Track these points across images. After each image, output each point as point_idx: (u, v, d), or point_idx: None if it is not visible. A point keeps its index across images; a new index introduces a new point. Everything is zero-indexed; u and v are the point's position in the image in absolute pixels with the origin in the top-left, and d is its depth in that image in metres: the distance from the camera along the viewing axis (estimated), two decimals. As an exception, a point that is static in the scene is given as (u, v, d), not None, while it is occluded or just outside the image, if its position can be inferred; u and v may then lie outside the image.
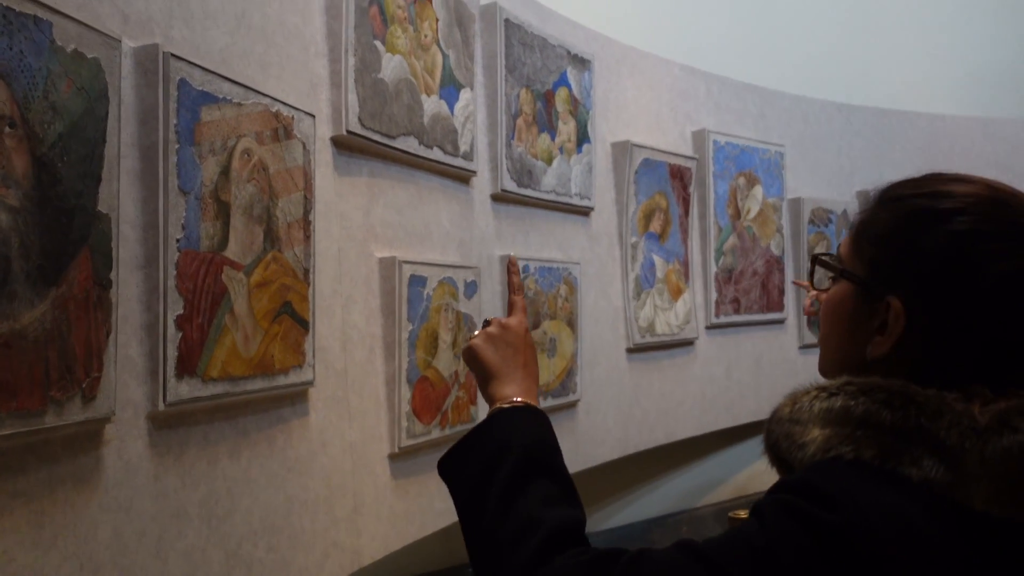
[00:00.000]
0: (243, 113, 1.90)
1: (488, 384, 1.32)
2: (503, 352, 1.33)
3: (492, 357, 1.33)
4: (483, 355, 1.34)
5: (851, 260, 1.17)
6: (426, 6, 2.72)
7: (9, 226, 1.30)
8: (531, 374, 1.35)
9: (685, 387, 4.28)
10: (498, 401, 1.29)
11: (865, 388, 1.06)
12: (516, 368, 1.32)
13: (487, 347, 1.34)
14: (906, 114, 5.60)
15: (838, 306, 1.17)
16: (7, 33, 1.29)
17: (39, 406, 1.37)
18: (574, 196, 3.56)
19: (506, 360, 1.32)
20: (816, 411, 1.06)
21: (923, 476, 0.98)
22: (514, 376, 1.31)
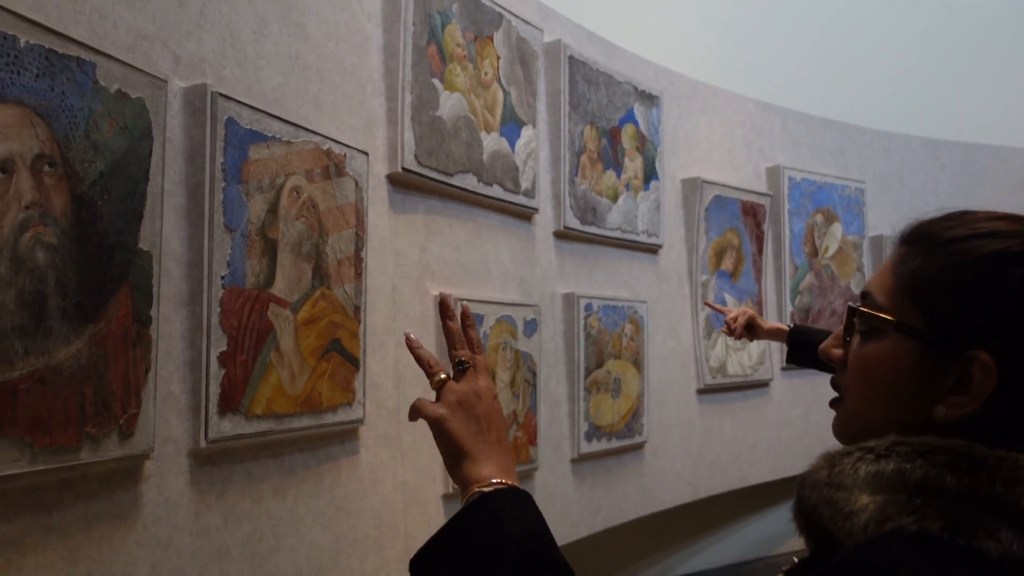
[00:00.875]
0: (292, 151, 1.91)
1: (460, 464, 1.13)
2: (473, 425, 1.14)
3: (462, 432, 1.13)
4: (452, 429, 1.13)
5: (899, 311, 1.03)
6: (487, 44, 2.73)
7: (46, 263, 1.31)
8: (506, 448, 1.17)
9: (759, 430, 4.15)
10: (474, 483, 1.10)
11: (922, 449, 0.93)
12: (490, 444, 1.14)
13: (455, 420, 1.14)
14: (996, 149, 5.39)
15: (889, 363, 1.02)
16: (49, 74, 1.32)
17: (74, 442, 1.38)
18: (641, 233, 3.50)
19: (478, 434, 1.14)
20: (862, 475, 0.94)
21: (1003, 551, 0.85)
22: (488, 452, 1.13)
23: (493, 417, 1.16)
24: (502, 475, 1.09)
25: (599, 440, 3.20)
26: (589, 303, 3.17)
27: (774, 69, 4.83)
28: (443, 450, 1.14)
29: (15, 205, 1.27)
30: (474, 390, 1.15)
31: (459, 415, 1.13)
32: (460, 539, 1.04)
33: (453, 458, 1.13)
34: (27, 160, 1.29)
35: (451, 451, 1.13)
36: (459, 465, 1.11)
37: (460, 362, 1.17)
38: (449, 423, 1.13)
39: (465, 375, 1.16)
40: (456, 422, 1.13)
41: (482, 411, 1.15)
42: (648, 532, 3.75)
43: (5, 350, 1.25)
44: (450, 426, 1.12)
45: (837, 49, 5.24)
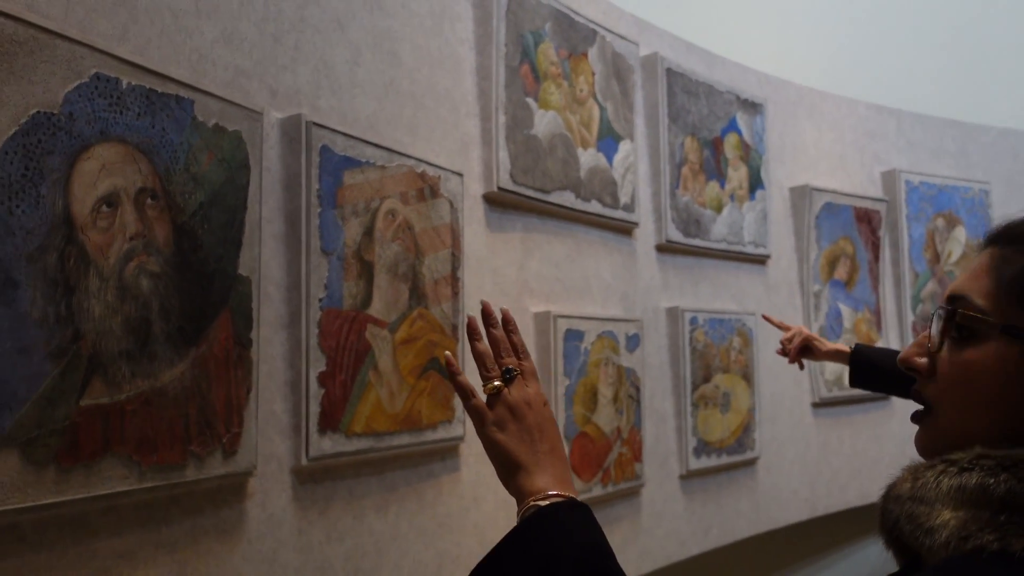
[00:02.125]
0: (387, 175, 1.96)
1: (514, 476, 1.08)
2: (526, 437, 1.10)
3: (515, 444, 1.09)
4: (502, 441, 1.10)
5: (1002, 314, 0.96)
6: (581, 61, 2.74)
7: (150, 290, 1.39)
8: (560, 458, 1.12)
9: (881, 444, 3.99)
10: (530, 496, 1.06)
11: (1006, 463, 0.88)
12: (543, 454, 1.09)
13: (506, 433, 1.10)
14: None
15: (994, 370, 0.95)
16: (149, 112, 1.40)
17: (180, 460, 1.45)
18: (747, 244, 3.43)
19: (532, 446, 1.09)
20: (944, 489, 0.90)
21: None
22: (543, 463, 1.08)
23: (545, 426, 1.12)
24: (558, 487, 1.06)
25: (708, 456, 3.15)
26: (694, 316, 3.13)
27: (886, 70, 4.66)
28: (495, 462, 1.11)
29: (120, 237, 1.35)
30: (524, 399, 1.12)
31: (511, 426, 1.10)
32: (518, 554, 1.01)
33: (506, 470, 1.10)
34: (131, 194, 1.37)
35: (504, 463, 1.10)
36: (513, 477, 1.08)
37: (508, 370, 1.14)
38: (499, 435, 1.10)
39: (514, 383, 1.13)
40: (506, 433, 1.10)
41: (533, 420, 1.11)
42: (763, 551, 3.65)
43: (113, 374, 1.33)
44: (500, 438, 1.10)
45: (953, 45, 5.02)
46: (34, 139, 1.22)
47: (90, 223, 1.30)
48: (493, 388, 1.12)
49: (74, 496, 1.27)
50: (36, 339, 1.21)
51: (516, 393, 1.12)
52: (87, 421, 1.29)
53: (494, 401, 1.12)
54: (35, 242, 1.22)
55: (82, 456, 1.28)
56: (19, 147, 1.21)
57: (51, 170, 1.25)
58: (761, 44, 4.03)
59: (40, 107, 1.24)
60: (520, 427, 1.10)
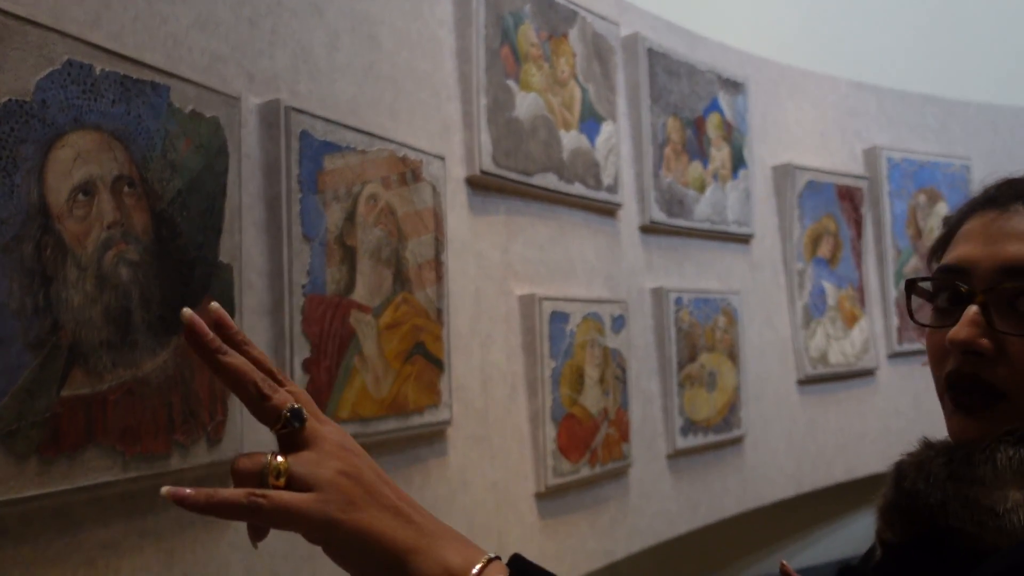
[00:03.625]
0: (368, 160, 1.95)
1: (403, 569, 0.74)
2: (385, 504, 0.76)
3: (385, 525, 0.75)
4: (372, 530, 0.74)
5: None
6: (561, 42, 2.72)
7: (130, 279, 1.38)
8: (423, 510, 0.81)
9: (866, 420, 4.01)
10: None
11: None
12: (416, 516, 0.78)
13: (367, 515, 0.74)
14: (1113, 115, 5.08)
15: None
16: (124, 99, 1.38)
17: (164, 449, 1.44)
18: (731, 224, 3.43)
19: (399, 515, 0.76)
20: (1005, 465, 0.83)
21: None
22: (431, 531, 0.77)
23: (382, 475, 0.79)
24: (471, 551, 0.77)
25: (695, 435, 3.16)
26: (679, 297, 3.13)
27: (866, 47, 4.66)
28: (360, 563, 0.75)
29: (98, 225, 1.33)
30: (342, 444, 0.77)
31: (358, 495, 0.74)
32: None
33: (386, 569, 0.74)
34: (107, 182, 1.35)
35: (380, 559, 0.74)
36: (403, 573, 0.74)
37: (296, 412, 0.76)
38: (355, 518, 0.73)
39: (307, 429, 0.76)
40: (365, 511, 0.74)
41: (373, 474, 0.77)
42: (751, 528, 3.67)
43: (94, 364, 1.31)
44: (362, 522, 0.74)
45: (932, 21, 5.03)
46: (6, 128, 1.21)
47: (66, 212, 1.29)
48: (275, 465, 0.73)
49: (57, 488, 1.26)
50: (14, 330, 1.20)
51: (328, 438, 0.76)
52: (69, 412, 1.28)
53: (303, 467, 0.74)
54: (10, 232, 1.21)
55: (64, 447, 1.27)
56: (-8, 136, 1.19)
57: (24, 159, 1.23)
58: (742, 23, 4.03)
59: (11, 95, 1.22)
60: (368, 492, 0.75)
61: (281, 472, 0.72)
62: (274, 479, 0.72)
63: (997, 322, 0.88)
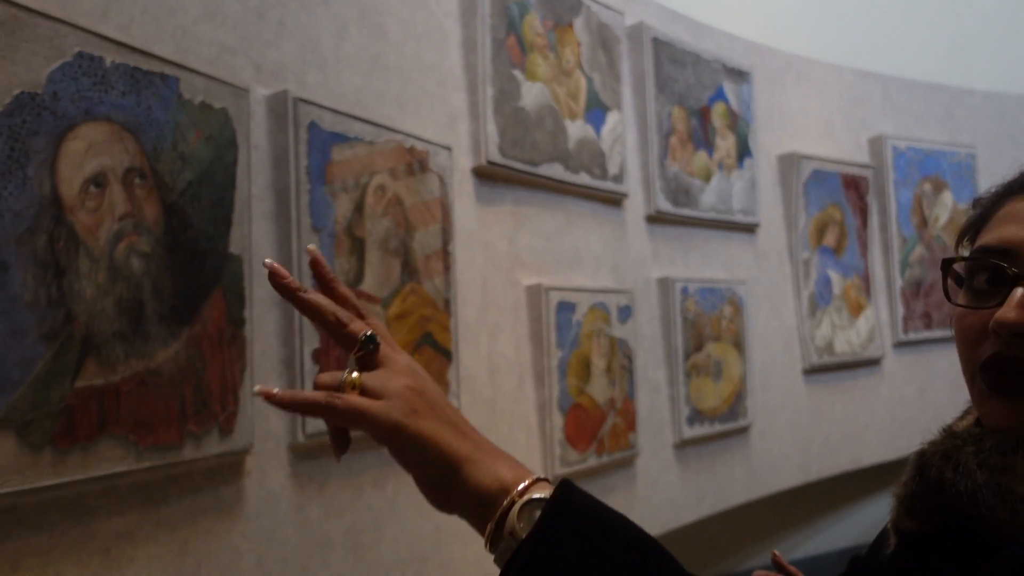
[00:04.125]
0: (376, 150, 1.95)
1: (458, 475, 0.79)
2: (445, 417, 0.82)
3: (440, 430, 0.80)
4: (427, 432, 0.80)
5: None
6: (567, 32, 2.72)
7: (141, 271, 1.38)
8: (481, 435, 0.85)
9: (872, 409, 4.02)
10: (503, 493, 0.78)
11: None
12: (473, 434, 0.83)
13: (427, 422, 0.80)
14: (1120, 103, 5.06)
15: None
16: (134, 91, 1.39)
17: (177, 439, 1.44)
18: (736, 213, 3.43)
19: (457, 429, 0.81)
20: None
21: None
22: (485, 447, 0.81)
23: (444, 397, 0.85)
24: (523, 470, 0.81)
25: (702, 424, 3.16)
26: (685, 286, 3.13)
27: (871, 35, 4.65)
28: (422, 464, 0.81)
29: (109, 217, 1.34)
30: (410, 367, 0.84)
31: (421, 406, 0.81)
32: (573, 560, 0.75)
33: (444, 472, 0.80)
34: (118, 174, 1.36)
35: (438, 463, 0.80)
36: (457, 479, 0.79)
37: (370, 337, 0.83)
38: (418, 424, 0.80)
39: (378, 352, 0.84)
40: (426, 419, 0.80)
41: (437, 393, 0.83)
42: (757, 517, 3.68)
43: (107, 355, 1.32)
44: (423, 427, 0.80)
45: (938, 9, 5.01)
46: (18, 120, 1.21)
47: (78, 204, 1.29)
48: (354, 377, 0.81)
49: (72, 478, 1.27)
50: (28, 321, 1.21)
51: (405, 360, 0.85)
52: (82, 403, 1.28)
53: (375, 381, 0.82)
54: (23, 224, 1.21)
55: (79, 437, 1.28)
56: (3, 128, 1.19)
57: (37, 151, 1.23)
58: (747, 11, 4.02)
59: (23, 87, 1.22)
60: (430, 404, 0.81)
61: (356, 385, 0.80)
62: (350, 390, 0.80)
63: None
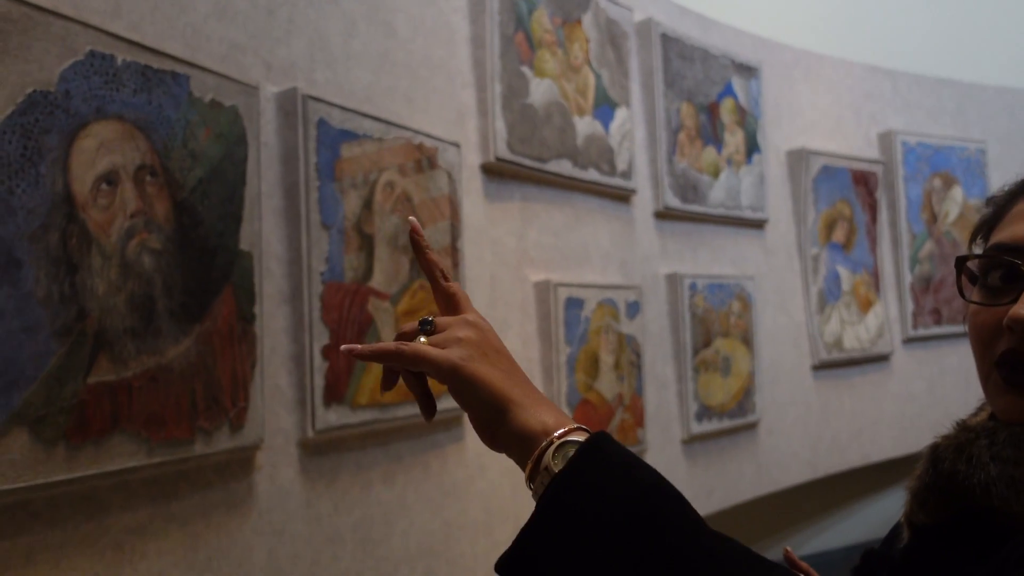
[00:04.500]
0: (385, 147, 1.96)
1: (504, 416, 0.84)
2: (501, 366, 0.87)
3: (495, 374, 0.86)
4: (482, 375, 0.85)
5: None
6: (575, 28, 2.72)
7: (152, 267, 1.39)
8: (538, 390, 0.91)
9: (880, 405, 4.01)
10: (543, 435, 0.83)
11: None
12: (526, 383, 0.88)
13: (480, 361, 0.87)
14: None
15: None
16: (145, 89, 1.40)
17: (187, 435, 1.46)
18: (745, 209, 3.43)
19: (511, 376, 0.87)
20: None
21: None
22: (534, 396, 0.87)
23: (506, 352, 0.90)
24: (567, 420, 0.85)
25: (710, 420, 3.17)
26: (693, 282, 3.13)
27: (881, 30, 4.63)
28: (474, 404, 0.86)
29: (121, 214, 1.35)
30: (477, 322, 0.90)
31: (478, 354, 0.87)
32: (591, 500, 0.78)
33: (494, 412, 0.85)
34: (130, 171, 1.37)
35: (489, 404, 0.85)
36: (504, 419, 0.84)
37: (453, 295, 0.94)
38: (473, 367, 0.85)
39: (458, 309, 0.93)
40: (481, 364, 0.86)
41: (498, 345, 0.90)
42: (766, 513, 3.68)
43: (119, 351, 1.33)
44: (477, 371, 0.85)
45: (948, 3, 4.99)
46: (31, 118, 1.22)
47: (90, 201, 1.30)
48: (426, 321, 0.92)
49: (84, 472, 1.28)
50: (41, 318, 1.22)
51: (473, 314, 0.92)
52: (95, 398, 1.30)
53: (444, 328, 0.91)
54: (36, 221, 1.22)
55: (91, 433, 1.29)
56: (17, 126, 1.21)
57: (49, 149, 1.24)
58: (755, 7, 4.01)
59: (36, 86, 1.23)
60: (488, 353, 0.88)
61: (430, 332, 0.90)
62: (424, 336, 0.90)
63: None
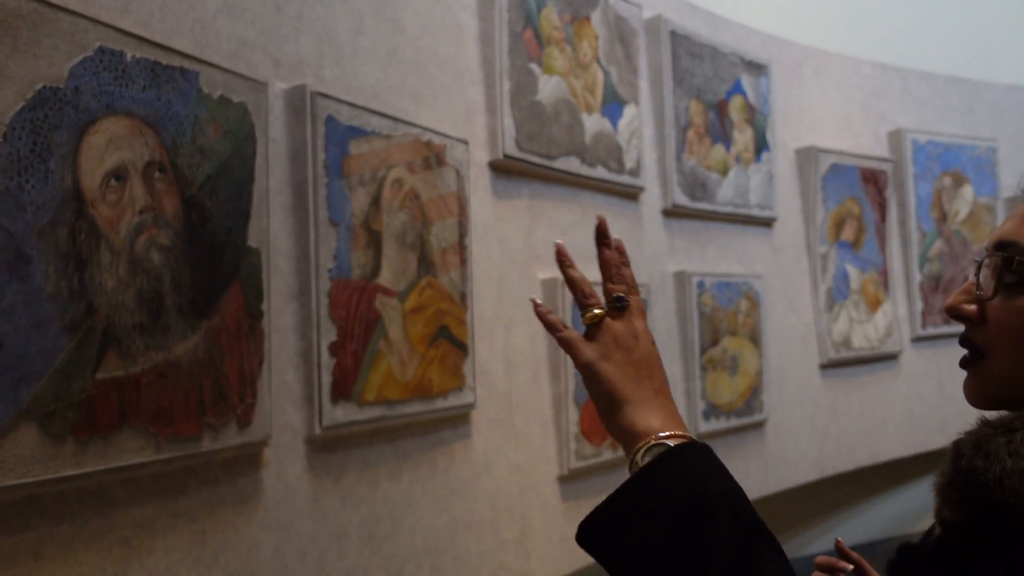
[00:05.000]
0: (393, 144, 1.96)
1: (618, 412, 0.96)
2: (632, 371, 0.97)
3: (619, 376, 0.97)
4: (607, 374, 0.97)
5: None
6: (584, 25, 2.72)
7: (161, 263, 1.40)
8: (670, 399, 1.00)
9: (889, 405, 4.00)
10: (644, 435, 0.93)
11: None
12: (652, 391, 0.98)
13: (611, 362, 0.97)
14: None
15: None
16: (155, 85, 1.40)
17: (195, 431, 1.46)
18: (754, 207, 3.42)
19: (639, 382, 0.97)
20: None
21: None
22: (652, 401, 0.97)
23: (654, 364, 1.00)
24: (674, 426, 0.94)
25: (717, 419, 3.16)
26: (701, 280, 3.13)
27: (890, 27, 4.61)
28: (596, 395, 0.99)
29: (130, 211, 1.35)
30: (632, 331, 1.00)
31: (616, 357, 0.98)
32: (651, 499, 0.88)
33: (610, 407, 0.97)
34: (139, 167, 1.37)
35: (607, 397, 0.97)
36: (617, 414, 0.96)
37: (618, 298, 1.02)
38: (603, 365, 0.97)
39: (623, 314, 1.01)
40: (612, 364, 0.97)
41: (641, 354, 0.99)
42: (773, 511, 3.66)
43: (127, 347, 1.33)
44: (604, 368, 0.97)
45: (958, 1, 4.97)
46: (41, 114, 1.22)
47: (99, 197, 1.30)
48: (594, 317, 1.01)
49: (93, 468, 1.29)
50: (50, 313, 1.22)
51: (624, 325, 1.00)
52: (103, 394, 1.30)
53: (595, 331, 1.00)
54: (46, 217, 1.22)
55: (99, 428, 1.29)
56: (26, 122, 1.21)
57: (59, 145, 1.25)
58: (765, 4, 4.00)
59: (46, 82, 1.23)
60: (627, 359, 0.98)
61: (594, 319, 1.01)
62: (589, 319, 1.01)
63: (985, 290, 0.98)
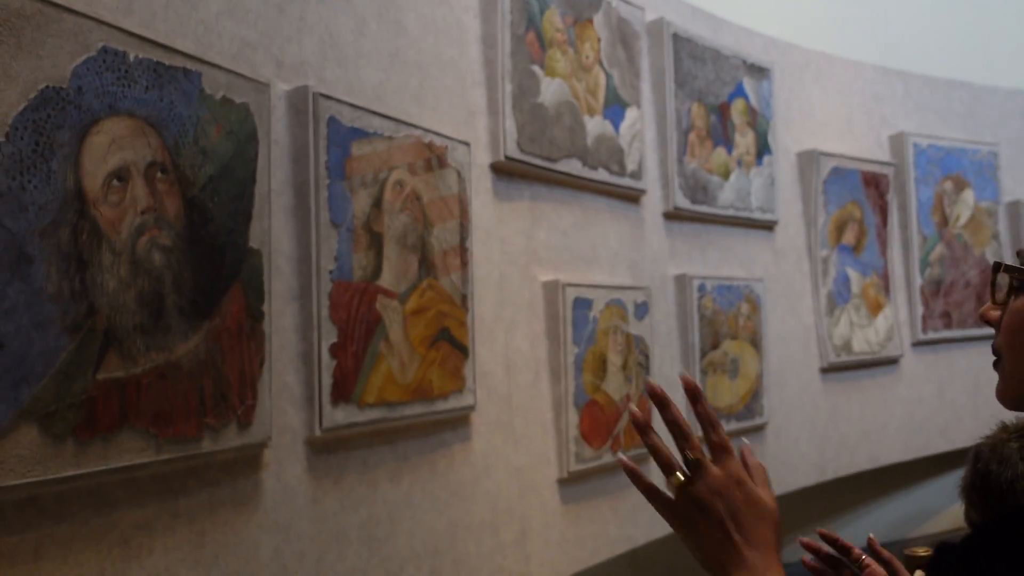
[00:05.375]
0: (394, 146, 1.96)
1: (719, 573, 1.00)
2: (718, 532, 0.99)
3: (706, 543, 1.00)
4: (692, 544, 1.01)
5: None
6: (587, 27, 2.72)
7: (162, 264, 1.40)
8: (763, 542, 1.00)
9: (889, 409, 4.00)
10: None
11: None
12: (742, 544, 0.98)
13: (695, 531, 1.00)
14: None
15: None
16: (157, 86, 1.40)
17: (195, 432, 1.46)
18: (755, 210, 3.42)
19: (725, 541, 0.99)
20: None
21: None
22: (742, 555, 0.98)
23: (740, 512, 0.99)
24: None
25: (717, 422, 3.15)
26: (702, 283, 3.13)
27: (892, 32, 4.61)
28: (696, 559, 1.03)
29: (132, 211, 1.35)
30: (710, 488, 1.00)
31: (699, 524, 1.00)
32: None
33: (709, 568, 1.00)
34: (141, 168, 1.37)
35: (702, 562, 1.01)
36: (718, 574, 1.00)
37: (688, 462, 1.02)
38: (678, 525, 1.01)
39: (699, 472, 1.01)
40: (696, 532, 1.00)
41: (724, 510, 0.99)
42: (773, 515, 3.67)
43: (128, 348, 1.33)
44: (679, 531, 1.02)
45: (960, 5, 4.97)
46: (43, 114, 1.22)
47: (101, 198, 1.30)
48: (676, 482, 1.01)
49: (93, 468, 1.29)
50: (52, 314, 1.22)
51: (700, 485, 1.00)
52: (104, 395, 1.30)
53: (681, 495, 1.02)
54: (48, 217, 1.22)
55: (100, 429, 1.29)
56: (29, 122, 1.21)
57: (61, 145, 1.25)
58: (767, 7, 3.99)
59: (49, 82, 1.24)
60: (709, 522, 0.99)
61: (677, 483, 1.00)
62: (672, 485, 1.01)
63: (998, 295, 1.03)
